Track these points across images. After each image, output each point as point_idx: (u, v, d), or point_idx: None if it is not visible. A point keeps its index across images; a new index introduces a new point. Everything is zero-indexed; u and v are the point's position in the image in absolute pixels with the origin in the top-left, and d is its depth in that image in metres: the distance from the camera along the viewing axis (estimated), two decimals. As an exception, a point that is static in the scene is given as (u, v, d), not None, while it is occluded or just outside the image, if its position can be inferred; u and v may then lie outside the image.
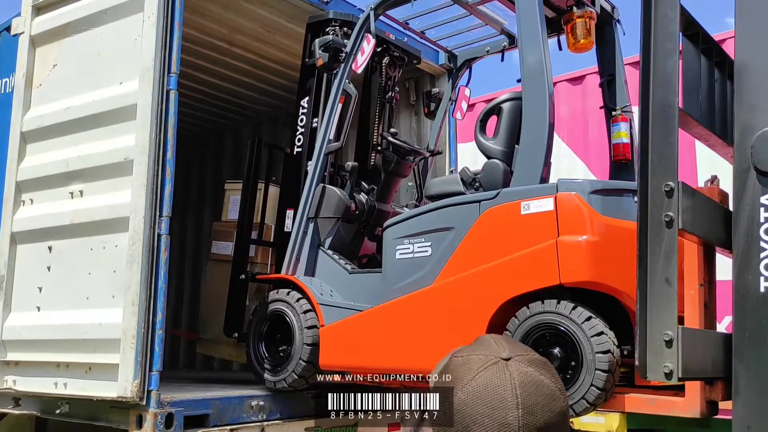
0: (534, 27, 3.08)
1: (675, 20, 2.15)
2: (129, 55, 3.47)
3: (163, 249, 3.22)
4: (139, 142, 3.28)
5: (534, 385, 0.99)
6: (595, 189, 2.85)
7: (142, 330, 3.13)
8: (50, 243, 3.64)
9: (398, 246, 3.33)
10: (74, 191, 3.59)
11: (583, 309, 2.72)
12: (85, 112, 3.58)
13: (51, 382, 3.48)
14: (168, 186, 3.26)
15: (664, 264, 2.03)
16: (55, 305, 3.56)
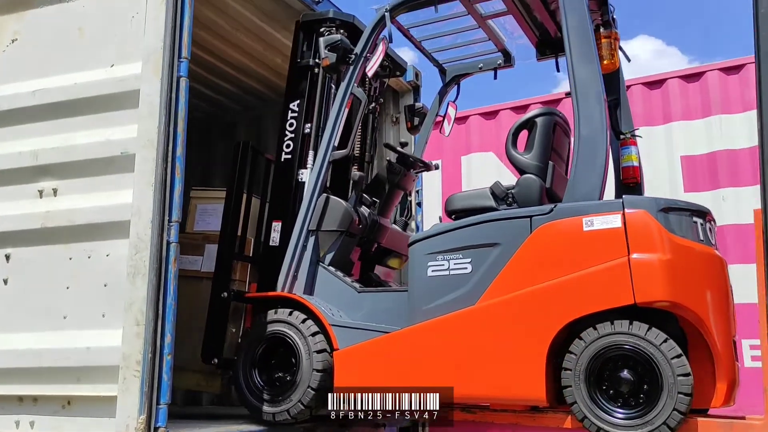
0: (586, 41, 3.03)
1: None
2: (124, 35, 3.01)
3: (173, 259, 2.76)
4: (144, 135, 2.82)
5: None
6: (661, 207, 2.81)
7: (149, 355, 2.65)
8: (8, 251, 3.03)
9: (430, 263, 3.09)
10: (44, 189, 3.02)
11: (658, 330, 2.65)
12: (63, 96, 3.05)
13: (11, 421, 2.87)
14: (178, 186, 2.82)
15: None
16: (13, 327, 2.95)
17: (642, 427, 2.61)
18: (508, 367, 2.82)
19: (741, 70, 5.60)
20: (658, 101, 6.12)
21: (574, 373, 2.72)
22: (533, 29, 3.76)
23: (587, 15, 3.04)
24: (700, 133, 5.86)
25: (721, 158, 5.72)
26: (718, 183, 5.67)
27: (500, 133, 6.69)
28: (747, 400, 3.12)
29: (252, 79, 4.98)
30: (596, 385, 2.71)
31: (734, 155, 5.44)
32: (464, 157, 6.86)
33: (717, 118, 5.77)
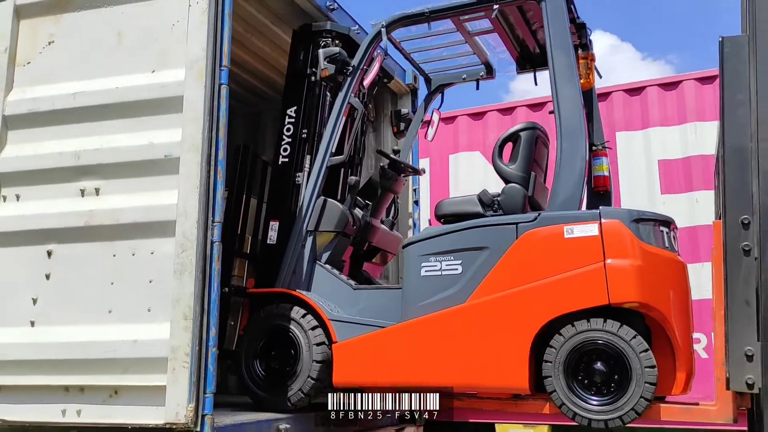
0: (569, 64, 3.31)
1: (745, 74, 2.48)
2: (165, 42, 3.13)
3: (216, 258, 2.93)
4: (188, 139, 2.97)
5: None
6: (634, 218, 3.12)
7: (196, 347, 2.82)
8: (50, 247, 3.12)
9: (423, 263, 3.36)
10: (86, 188, 3.13)
11: (628, 327, 2.98)
12: (104, 99, 3.15)
13: (57, 410, 2.98)
14: (220, 188, 2.98)
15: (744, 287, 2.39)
16: (58, 320, 3.06)
17: (612, 412, 2.94)
18: (494, 360, 3.12)
19: (715, 81, 5.98)
20: (638, 108, 6.44)
21: (553, 365, 3.02)
22: (515, 45, 4.06)
23: (570, 39, 3.32)
24: (676, 139, 6.21)
25: (696, 163, 6.07)
26: (692, 186, 6.02)
27: (487, 133, 6.97)
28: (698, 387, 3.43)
29: (257, 80, 5.11)
30: (573, 376, 3.03)
31: (708, 160, 5.79)
32: (452, 155, 7.09)
33: (692, 125, 6.11)
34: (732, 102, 2.50)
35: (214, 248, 2.93)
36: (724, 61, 2.55)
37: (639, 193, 6.07)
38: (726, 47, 2.55)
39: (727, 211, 2.44)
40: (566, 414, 3.02)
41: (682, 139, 6.09)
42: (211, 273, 2.91)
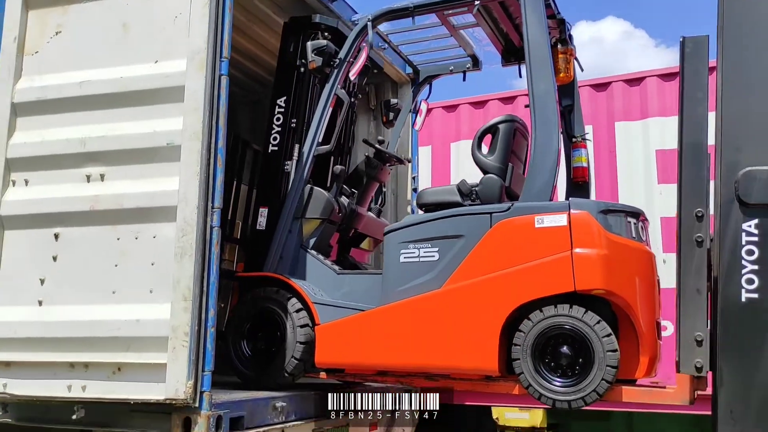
0: (544, 59, 3.42)
1: (704, 73, 2.60)
2: (168, 33, 3.24)
3: (216, 242, 3.05)
4: (189, 128, 3.08)
5: None
6: (601, 209, 3.26)
7: (195, 327, 2.95)
8: (57, 230, 3.25)
9: (402, 250, 3.49)
10: (92, 174, 3.25)
11: (593, 313, 3.10)
12: (109, 88, 3.26)
13: (62, 385, 3.11)
14: (219, 176, 3.10)
15: (696, 277, 2.55)
16: (64, 299, 3.19)
17: (575, 393, 3.08)
18: (466, 343, 3.26)
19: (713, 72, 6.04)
20: (637, 98, 6.49)
21: (522, 348, 3.16)
22: (499, 39, 4.17)
23: (546, 35, 3.42)
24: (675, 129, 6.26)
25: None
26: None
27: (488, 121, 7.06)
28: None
29: (260, 67, 5.22)
30: (540, 359, 3.16)
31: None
32: (453, 144, 7.18)
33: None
34: (691, 100, 2.64)
35: (214, 233, 3.04)
36: (685, 60, 2.66)
37: (636, 183, 6.14)
38: (687, 47, 2.65)
39: (682, 205, 2.57)
40: (533, 395, 3.16)
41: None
42: (210, 256, 3.02)
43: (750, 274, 2.49)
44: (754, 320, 2.47)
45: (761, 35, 2.62)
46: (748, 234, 2.51)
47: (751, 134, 2.57)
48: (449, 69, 4.69)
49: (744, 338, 2.48)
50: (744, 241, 2.51)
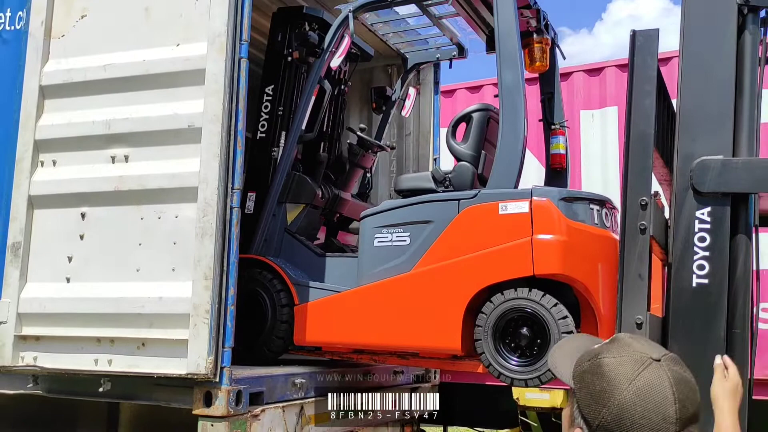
0: (513, 49, 3.46)
1: (653, 66, 2.67)
2: (188, 17, 3.29)
3: (236, 222, 3.12)
4: (210, 110, 3.14)
5: (684, 382, 1.19)
6: (562, 196, 3.32)
7: (216, 305, 3.03)
8: (84, 209, 3.36)
9: (377, 234, 3.60)
10: (116, 155, 3.34)
11: (550, 296, 3.19)
12: (133, 71, 3.34)
13: (89, 359, 3.24)
14: (240, 157, 3.16)
15: (638, 263, 2.61)
16: (91, 277, 3.30)
17: (532, 372, 3.19)
18: (432, 323, 3.38)
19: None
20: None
21: (483, 329, 3.26)
22: (482, 28, 4.20)
23: (516, 26, 3.46)
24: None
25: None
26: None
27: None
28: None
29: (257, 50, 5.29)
30: (501, 339, 3.26)
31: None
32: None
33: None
34: (640, 92, 2.66)
35: (234, 213, 3.11)
36: (635, 53, 2.69)
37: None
38: (638, 40, 2.69)
39: (627, 193, 2.62)
40: (492, 373, 3.27)
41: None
42: (230, 236, 3.10)
43: (701, 260, 2.57)
44: (703, 305, 2.55)
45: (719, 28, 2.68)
46: (701, 221, 2.59)
47: (706, 125, 2.64)
48: (436, 57, 4.81)
49: (693, 322, 2.56)
50: (697, 228, 2.59)
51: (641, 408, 1.11)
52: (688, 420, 1.15)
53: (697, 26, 2.70)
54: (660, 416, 1.11)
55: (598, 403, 1.18)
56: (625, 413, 1.13)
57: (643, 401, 1.12)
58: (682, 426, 1.12)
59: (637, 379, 1.16)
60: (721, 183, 2.56)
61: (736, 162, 2.58)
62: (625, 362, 1.19)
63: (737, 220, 2.61)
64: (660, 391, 1.13)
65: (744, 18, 2.71)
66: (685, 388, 1.17)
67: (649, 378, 1.16)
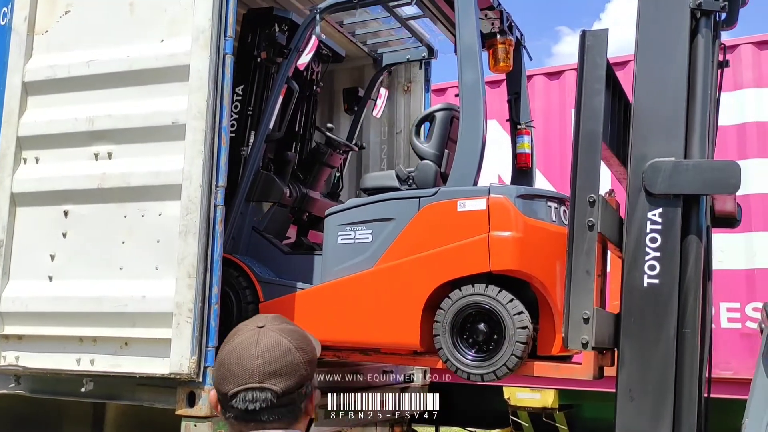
0: (472, 50, 3.46)
1: (602, 66, 2.73)
2: (172, 13, 3.26)
3: (219, 220, 3.09)
4: (194, 107, 3.11)
5: (273, 343, 1.33)
6: (519, 194, 3.33)
7: (199, 304, 3.00)
8: (66, 207, 3.32)
9: (340, 232, 3.59)
10: (100, 152, 3.30)
11: (506, 292, 3.19)
12: (117, 68, 3.31)
13: (72, 359, 3.20)
14: (224, 154, 3.13)
15: (585, 259, 2.63)
16: (73, 275, 3.27)
17: (488, 367, 3.18)
18: (393, 320, 3.38)
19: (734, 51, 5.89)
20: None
21: (442, 325, 3.25)
22: (449, 28, 4.17)
23: (476, 27, 3.46)
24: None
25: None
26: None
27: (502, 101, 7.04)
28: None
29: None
30: (459, 335, 3.24)
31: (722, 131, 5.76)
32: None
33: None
34: (589, 91, 2.69)
35: (218, 211, 3.09)
36: (585, 53, 2.71)
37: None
38: (587, 40, 2.72)
39: (576, 190, 2.65)
40: (450, 368, 3.27)
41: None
42: (214, 234, 3.07)
43: (652, 260, 2.59)
44: (653, 305, 2.58)
45: (672, 31, 2.71)
46: (652, 222, 2.61)
47: (659, 127, 2.67)
48: (406, 58, 4.83)
49: (644, 321, 2.59)
50: (648, 229, 2.61)
51: (230, 360, 1.30)
52: (270, 374, 1.29)
53: (650, 29, 2.74)
54: (242, 368, 1.28)
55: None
56: (221, 363, 1.33)
57: (232, 355, 1.31)
58: (261, 378, 1.28)
59: (234, 339, 1.35)
60: (672, 184, 2.59)
61: (686, 164, 2.62)
62: (239, 329, 1.39)
63: (688, 222, 2.64)
64: (245, 349, 1.31)
65: (697, 22, 2.75)
66: (273, 347, 1.33)
67: (242, 338, 1.34)
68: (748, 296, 5.40)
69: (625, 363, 2.61)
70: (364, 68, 5.12)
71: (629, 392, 2.58)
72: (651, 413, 2.54)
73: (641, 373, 2.57)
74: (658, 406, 2.53)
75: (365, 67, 5.10)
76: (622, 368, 2.61)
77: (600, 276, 2.90)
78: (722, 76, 3.00)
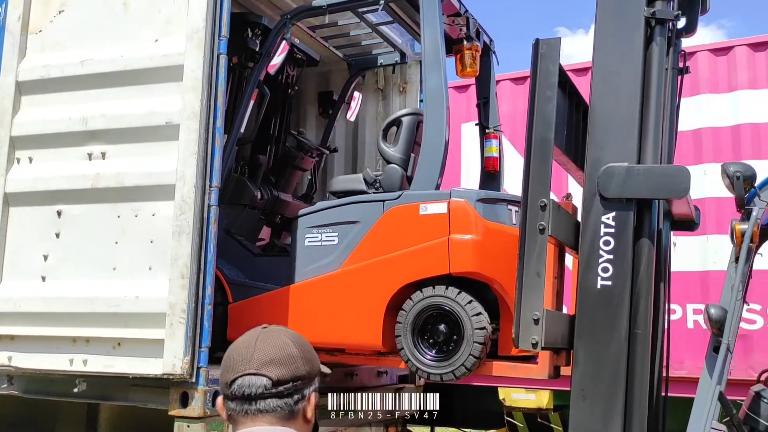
0: (436, 55, 3.50)
1: (555, 73, 2.82)
2: (167, 12, 3.26)
3: (213, 220, 3.09)
4: (188, 107, 3.11)
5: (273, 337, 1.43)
6: (480, 197, 3.39)
7: (192, 304, 2.99)
8: (59, 207, 3.31)
9: (308, 235, 3.66)
10: (93, 152, 3.29)
11: (466, 294, 3.24)
12: (110, 67, 3.30)
13: (64, 359, 3.19)
14: (218, 155, 3.13)
15: (536, 261, 2.67)
16: (66, 275, 3.26)
17: (447, 367, 3.23)
18: (356, 321, 3.44)
19: (729, 52, 5.89)
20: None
21: (403, 325, 3.30)
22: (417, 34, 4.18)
23: (440, 33, 3.50)
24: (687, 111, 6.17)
25: (706, 135, 6.06)
26: (701, 158, 6.02)
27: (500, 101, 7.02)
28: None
29: None
30: (419, 335, 3.30)
31: (718, 132, 5.76)
32: (464, 124, 7.16)
33: (704, 96, 6.07)
34: (542, 98, 2.73)
35: (211, 211, 3.08)
36: (538, 61, 2.76)
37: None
38: (541, 48, 2.77)
39: (528, 195, 2.69)
40: (411, 368, 3.32)
41: (694, 111, 6.05)
42: (208, 235, 3.06)
43: (606, 263, 2.65)
44: (606, 307, 2.63)
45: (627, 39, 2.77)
46: (606, 225, 2.67)
47: (614, 133, 2.73)
48: (379, 62, 4.87)
49: (597, 322, 2.65)
50: (602, 232, 2.67)
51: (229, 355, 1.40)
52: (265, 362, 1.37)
53: (607, 37, 2.80)
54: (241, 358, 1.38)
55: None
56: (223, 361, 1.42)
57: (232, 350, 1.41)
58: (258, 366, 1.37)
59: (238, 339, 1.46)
60: (624, 189, 2.66)
61: (639, 169, 2.68)
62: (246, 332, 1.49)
63: (641, 225, 2.70)
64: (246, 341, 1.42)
65: (652, 30, 2.81)
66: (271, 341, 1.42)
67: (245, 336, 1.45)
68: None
69: (578, 363, 2.68)
70: (342, 72, 5.14)
71: (582, 392, 2.64)
72: (603, 412, 2.60)
73: (594, 373, 2.63)
74: (610, 406, 2.59)
75: (343, 71, 5.13)
76: (575, 368, 2.69)
77: (557, 278, 3.04)
78: (682, 82, 3.10)
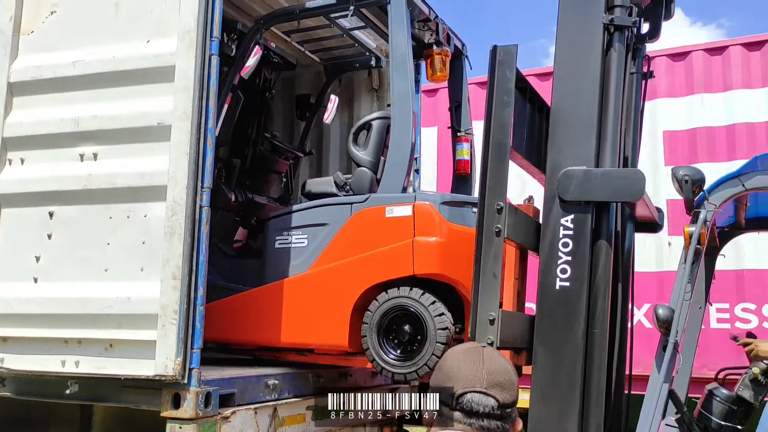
0: (403, 60, 3.56)
1: (511, 79, 2.87)
2: (158, 13, 3.24)
3: (205, 221, 3.07)
4: (180, 108, 3.09)
5: (497, 360, 1.50)
6: (444, 200, 3.47)
7: (184, 306, 2.98)
8: (51, 208, 3.30)
9: (278, 237, 3.74)
10: (85, 153, 3.28)
11: (429, 295, 3.34)
12: (102, 68, 3.28)
13: (57, 360, 3.18)
14: (209, 155, 3.12)
15: (493, 263, 2.73)
16: (59, 276, 3.24)
17: (410, 367, 3.33)
18: (324, 321, 3.52)
19: (723, 52, 5.89)
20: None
21: (369, 326, 3.38)
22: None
23: (406, 39, 3.55)
24: (683, 110, 6.19)
25: (701, 134, 6.07)
26: (696, 158, 6.03)
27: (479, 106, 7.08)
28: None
29: None
30: (384, 336, 3.37)
31: (713, 132, 5.77)
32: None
33: (699, 96, 6.08)
34: (499, 103, 2.79)
35: (203, 212, 3.06)
36: (496, 67, 2.81)
37: (643, 164, 6.10)
38: (498, 55, 2.82)
39: (485, 198, 2.75)
40: (376, 368, 3.39)
41: (689, 110, 6.07)
42: (200, 236, 3.05)
43: (564, 264, 2.71)
44: (564, 307, 2.69)
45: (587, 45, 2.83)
46: (564, 228, 2.73)
47: (573, 136, 2.78)
48: (355, 66, 4.94)
49: (556, 322, 2.70)
50: (561, 234, 2.73)
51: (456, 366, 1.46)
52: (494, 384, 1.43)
53: (567, 42, 2.86)
54: (470, 373, 1.44)
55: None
56: (447, 369, 1.47)
57: (456, 361, 1.47)
58: (488, 386, 1.43)
59: (454, 350, 1.54)
60: (582, 192, 2.71)
61: (596, 172, 2.74)
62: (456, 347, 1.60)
63: (600, 227, 2.75)
64: (470, 357, 1.48)
65: (611, 36, 2.88)
66: (498, 368, 1.47)
67: (465, 349, 1.53)
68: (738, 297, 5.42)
69: (537, 363, 2.72)
70: (319, 75, 5.16)
71: (541, 391, 2.69)
72: (560, 412, 2.64)
73: (552, 373, 2.68)
74: (567, 405, 2.64)
75: (320, 75, 5.15)
76: (535, 368, 2.73)
77: (518, 279, 3.11)
78: (646, 86, 3.19)
